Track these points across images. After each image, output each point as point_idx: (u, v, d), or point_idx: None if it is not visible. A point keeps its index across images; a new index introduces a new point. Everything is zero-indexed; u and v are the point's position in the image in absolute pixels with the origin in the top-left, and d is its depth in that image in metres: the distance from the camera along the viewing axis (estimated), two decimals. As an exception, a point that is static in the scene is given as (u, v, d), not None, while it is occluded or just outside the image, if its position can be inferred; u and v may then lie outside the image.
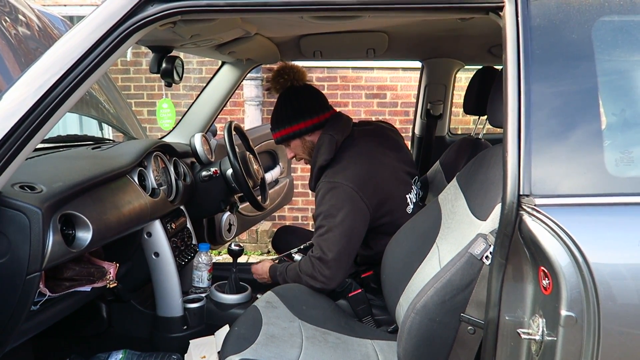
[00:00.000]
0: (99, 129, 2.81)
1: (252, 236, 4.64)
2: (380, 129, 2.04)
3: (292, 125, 1.93)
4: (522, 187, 0.99)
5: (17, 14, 2.34)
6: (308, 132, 1.93)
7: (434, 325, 1.21)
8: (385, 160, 1.90)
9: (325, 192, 1.76)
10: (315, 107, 1.94)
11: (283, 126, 1.95)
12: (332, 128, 1.89)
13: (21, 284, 1.19)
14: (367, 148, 1.89)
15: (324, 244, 1.72)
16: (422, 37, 2.25)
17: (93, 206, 1.44)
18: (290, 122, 1.93)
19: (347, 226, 1.73)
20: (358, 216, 1.75)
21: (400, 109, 4.91)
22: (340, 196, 1.73)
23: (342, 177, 1.76)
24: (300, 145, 1.97)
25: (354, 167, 1.79)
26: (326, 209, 1.74)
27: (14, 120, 1.06)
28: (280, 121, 1.96)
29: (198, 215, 2.35)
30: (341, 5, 1.12)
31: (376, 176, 1.82)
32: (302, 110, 1.92)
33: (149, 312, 1.93)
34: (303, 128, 1.93)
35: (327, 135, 1.86)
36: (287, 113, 1.94)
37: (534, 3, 1.06)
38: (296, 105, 1.92)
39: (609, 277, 0.92)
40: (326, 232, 1.73)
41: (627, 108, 1.09)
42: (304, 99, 1.94)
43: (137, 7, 1.11)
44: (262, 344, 1.43)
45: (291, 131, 1.94)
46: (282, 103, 1.96)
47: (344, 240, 1.72)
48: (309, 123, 1.92)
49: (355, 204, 1.74)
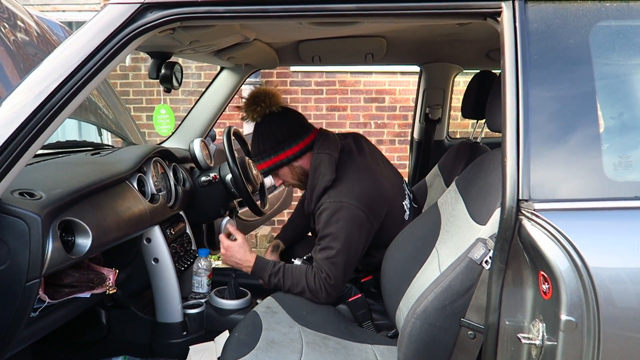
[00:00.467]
0: (98, 135, 2.81)
1: (252, 241, 4.64)
2: (360, 138, 1.99)
3: (278, 155, 1.84)
4: (521, 191, 1.00)
5: (15, 19, 2.35)
6: (296, 158, 1.85)
7: (434, 330, 1.21)
8: (381, 172, 1.89)
9: (333, 213, 1.69)
10: (299, 131, 1.85)
11: (268, 156, 1.85)
12: (326, 147, 1.80)
13: (21, 291, 1.18)
14: (364, 162, 1.85)
15: (332, 268, 1.68)
16: (420, 41, 2.26)
17: (92, 212, 1.43)
18: (275, 151, 1.84)
19: (354, 248, 1.71)
20: (364, 236, 1.73)
21: (399, 113, 4.93)
22: (348, 217, 1.68)
23: (349, 197, 1.70)
24: (289, 172, 1.89)
25: (359, 185, 1.74)
26: (335, 231, 1.68)
27: (13, 126, 1.07)
28: (264, 152, 1.85)
29: (197, 221, 2.35)
30: (340, 11, 1.12)
31: (379, 191, 1.79)
32: (287, 137, 1.83)
33: (148, 318, 1.93)
34: (291, 155, 1.84)
35: (325, 155, 1.77)
36: (271, 142, 1.83)
37: (531, 8, 1.06)
38: (279, 133, 1.82)
39: (608, 281, 0.92)
40: (335, 255, 1.68)
41: (625, 112, 1.10)
42: (286, 124, 1.83)
43: (136, 13, 1.11)
44: (262, 350, 1.43)
45: (278, 160, 1.85)
46: (263, 132, 1.84)
47: (350, 262, 1.72)
48: (296, 149, 1.84)
49: (363, 225, 1.71)
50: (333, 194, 1.73)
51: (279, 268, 1.76)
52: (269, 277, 1.76)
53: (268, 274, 1.76)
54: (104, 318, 1.93)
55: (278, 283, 1.75)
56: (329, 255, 1.69)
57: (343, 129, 4.96)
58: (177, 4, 1.12)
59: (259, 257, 1.82)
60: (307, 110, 4.94)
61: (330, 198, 1.72)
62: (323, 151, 1.79)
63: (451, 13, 1.11)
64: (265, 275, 1.77)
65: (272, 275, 1.76)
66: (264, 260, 1.81)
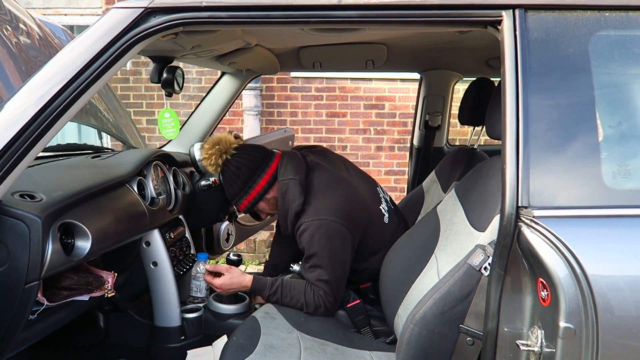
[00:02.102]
0: (98, 138, 2.81)
1: (250, 246, 4.63)
2: (326, 150, 2.00)
3: (249, 194, 1.87)
4: (521, 198, 1.00)
5: (18, 22, 2.35)
6: (266, 191, 1.86)
7: (432, 336, 1.21)
8: (353, 180, 1.89)
9: (314, 232, 1.69)
10: (259, 165, 1.86)
11: (241, 198, 1.89)
12: (289, 172, 1.80)
13: (19, 293, 1.18)
14: (336, 174, 1.85)
15: (326, 286, 1.69)
16: (420, 49, 2.28)
17: (92, 215, 1.44)
18: (245, 191, 1.87)
19: (340, 262, 1.72)
20: (348, 248, 1.74)
21: (399, 120, 4.94)
22: (329, 234, 1.69)
23: (326, 213, 1.70)
24: (266, 205, 1.91)
25: (334, 199, 1.74)
26: (318, 250, 1.69)
27: (15, 129, 1.07)
28: (236, 195, 1.89)
29: (197, 225, 2.35)
30: (341, 17, 1.13)
31: (355, 200, 1.79)
32: (250, 175, 1.85)
33: (146, 322, 1.92)
34: (261, 190, 1.86)
35: (289, 181, 1.78)
36: (238, 185, 1.87)
37: (531, 17, 1.07)
38: (241, 174, 1.85)
39: (607, 288, 0.92)
40: (325, 274, 1.69)
41: (624, 121, 1.11)
42: (245, 164, 1.85)
43: (139, 18, 1.12)
44: (260, 354, 1.43)
45: (252, 198, 1.88)
46: (228, 178, 1.88)
47: (340, 275, 1.73)
48: (262, 183, 1.85)
49: (345, 238, 1.72)
50: (310, 213, 1.72)
51: (277, 288, 1.76)
52: (267, 297, 1.78)
53: (267, 294, 1.77)
54: (102, 321, 1.93)
55: (277, 301, 1.76)
56: (319, 276, 1.70)
57: (343, 135, 4.96)
58: (180, 9, 1.13)
59: (255, 277, 1.81)
60: (307, 116, 4.95)
61: (308, 218, 1.72)
62: (286, 177, 1.79)
63: (452, 21, 1.12)
64: (264, 295, 1.79)
65: (271, 295, 1.77)
66: (261, 280, 1.80)
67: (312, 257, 1.71)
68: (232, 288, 1.83)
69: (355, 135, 4.98)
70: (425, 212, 2.19)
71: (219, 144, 1.87)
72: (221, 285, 1.82)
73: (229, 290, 1.84)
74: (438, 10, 1.10)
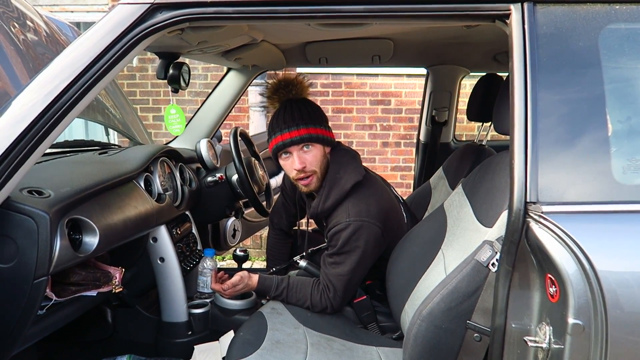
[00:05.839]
0: (105, 134, 2.82)
1: (257, 242, 4.64)
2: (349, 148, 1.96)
3: (318, 128, 1.70)
4: (529, 194, 0.99)
5: (25, 19, 2.36)
6: (328, 143, 1.74)
7: (439, 333, 1.20)
8: (382, 182, 1.88)
9: (353, 232, 1.63)
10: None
11: (313, 124, 1.68)
12: (348, 148, 1.78)
13: (28, 289, 1.19)
14: (371, 175, 1.83)
15: (340, 285, 1.67)
16: (427, 44, 2.26)
17: (100, 211, 1.44)
18: (320, 123, 1.71)
19: (364, 266, 1.70)
20: (377, 252, 1.73)
21: (405, 116, 4.92)
22: (367, 236, 1.65)
23: (368, 215, 1.65)
24: (321, 155, 1.72)
25: (377, 201, 1.70)
26: (352, 250, 1.65)
27: (23, 125, 1.07)
28: (307, 119, 1.68)
29: (203, 221, 2.36)
30: (348, 12, 1.12)
31: (389, 204, 1.79)
32: (324, 118, 1.76)
33: (153, 317, 1.93)
34: (327, 136, 1.73)
35: (353, 152, 1.73)
36: (312, 115, 1.71)
37: (540, 11, 1.06)
38: (318, 111, 1.75)
39: (616, 285, 0.91)
40: (347, 273, 1.66)
41: (634, 116, 1.09)
42: (321, 111, 1.77)
43: (146, 14, 1.12)
44: (267, 349, 1.43)
45: (321, 133, 1.70)
46: (301, 105, 1.72)
47: (358, 278, 1.71)
48: (331, 134, 1.75)
49: (379, 242, 1.70)
50: (353, 206, 1.66)
51: (283, 289, 1.74)
52: (273, 298, 1.77)
53: (273, 295, 1.76)
54: (110, 317, 1.94)
55: (283, 302, 1.75)
56: (341, 273, 1.67)
57: (349, 131, 4.96)
58: (187, 4, 1.12)
59: (261, 278, 1.78)
60: (313, 111, 4.94)
61: (350, 217, 1.65)
62: (349, 148, 1.77)
63: (459, 15, 1.11)
64: (270, 296, 1.78)
65: (277, 296, 1.75)
66: (266, 282, 1.77)
67: (341, 254, 1.67)
68: (239, 292, 1.83)
69: (362, 131, 4.96)
70: (433, 208, 2.18)
71: (298, 86, 1.82)
72: (229, 295, 1.84)
73: (236, 294, 1.85)
74: (445, 4, 1.09)
